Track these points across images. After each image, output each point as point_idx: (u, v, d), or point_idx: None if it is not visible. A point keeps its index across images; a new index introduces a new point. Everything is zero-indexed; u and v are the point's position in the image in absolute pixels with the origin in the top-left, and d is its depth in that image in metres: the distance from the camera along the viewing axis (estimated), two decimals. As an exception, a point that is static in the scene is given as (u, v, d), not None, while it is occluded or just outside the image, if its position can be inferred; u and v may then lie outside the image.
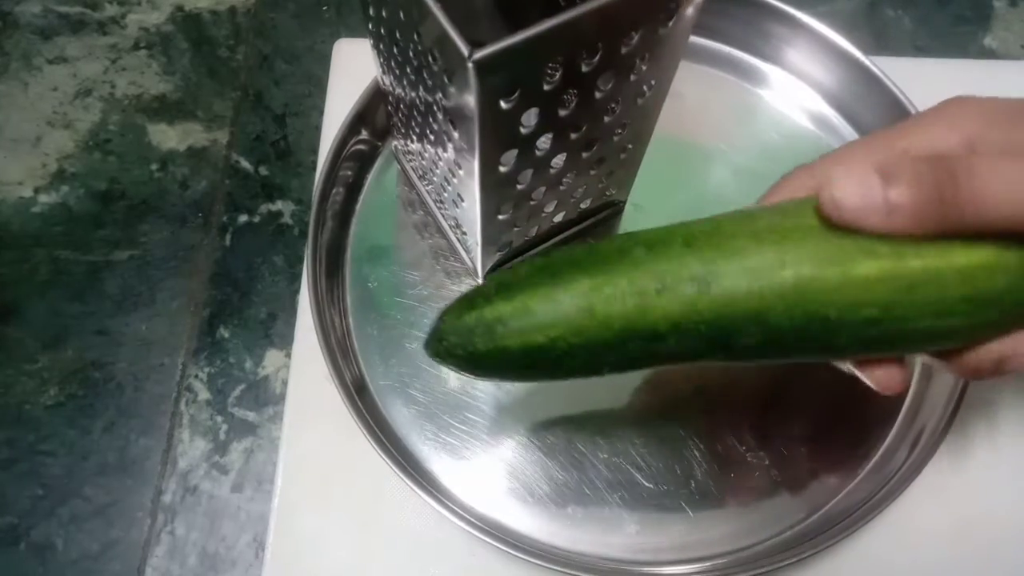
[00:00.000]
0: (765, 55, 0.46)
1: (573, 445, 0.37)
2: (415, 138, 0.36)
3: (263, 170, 0.47)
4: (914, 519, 0.36)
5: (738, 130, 0.45)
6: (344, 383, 0.36)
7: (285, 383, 0.40)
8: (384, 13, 0.28)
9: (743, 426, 0.38)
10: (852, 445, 0.38)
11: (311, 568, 0.36)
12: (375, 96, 0.42)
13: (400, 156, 0.43)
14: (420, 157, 0.38)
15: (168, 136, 0.48)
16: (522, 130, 0.27)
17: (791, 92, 0.46)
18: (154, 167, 0.47)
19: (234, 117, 0.49)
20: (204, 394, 0.41)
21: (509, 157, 0.28)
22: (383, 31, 0.29)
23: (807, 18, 0.43)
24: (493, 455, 0.37)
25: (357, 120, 0.41)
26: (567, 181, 0.33)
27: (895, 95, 0.41)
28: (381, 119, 0.43)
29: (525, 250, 0.40)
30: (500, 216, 0.33)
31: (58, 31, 0.51)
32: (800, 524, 0.36)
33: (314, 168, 0.46)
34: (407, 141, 0.38)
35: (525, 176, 0.30)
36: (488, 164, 0.28)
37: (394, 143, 0.43)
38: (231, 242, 0.45)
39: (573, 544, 0.35)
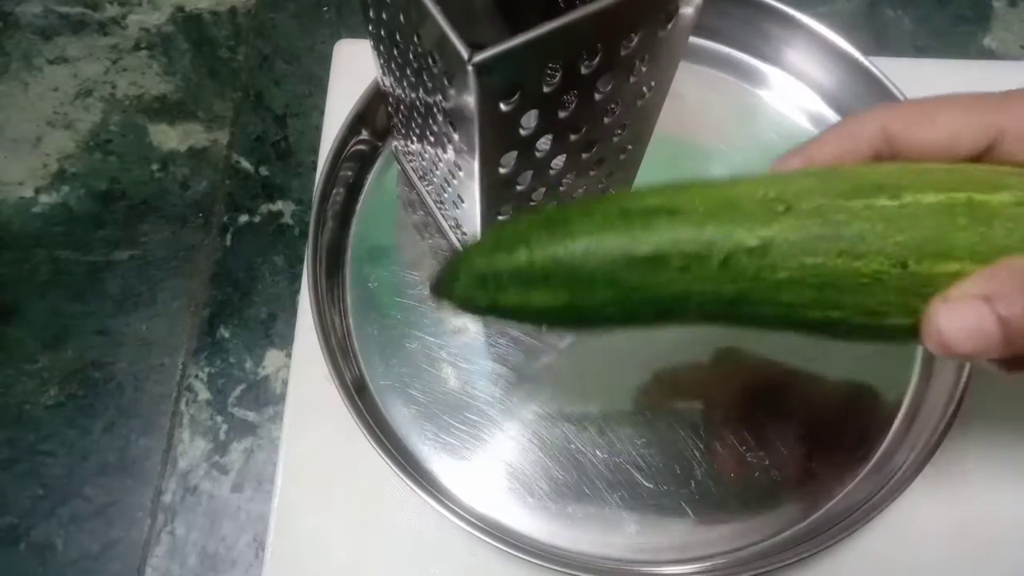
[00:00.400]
0: (765, 56, 0.46)
1: (573, 445, 0.37)
2: (415, 139, 0.36)
3: (263, 170, 0.47)
4: (914, 519, 0.36)
5: (738, 131, 0.45)
6: (344, 383, 0.36)
7: (285, 383, 0.40)
8: (384, 15, 0.28)
9: (743, 426, 0.38)
10: (852, 445, 0.38)
11: (311, 568, 0.36)
12: (375, 96, 0.42)
13: (400, 157, 0.43)
14: (420, 158, 0.38)
15: (169, 136, 0.48)
16: (522, 132, 0.27)
17: (791, 93, 0.46)
18: (155, 167, 0.47)
19: (235, 117, 0.49)
20: (204, 394, 0.41)
21: (509, 158, 0.28)
22: (383, 33, 0.29)
23: (806, 19, 0.43)
24: (493, 455, 0.37)
25: (357, 120, 0.42)
26: (567, 182, 0.33)
27: (895, 95, 0.41)
28: (381, 119, 0.43)
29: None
30: (500, 217, 0.33)
31: (59, 31, 0.51)
32: (800, 524, 0.36)
33: (314, 168, 0.46)
34: (407, 142, 0.38)
35: (525, 177, 0.30)
36: (488, 165, 0.28)
37: (394, 144, 0.43)
38: (231, 242, 0.45)
39: (573, 544, 0.35)
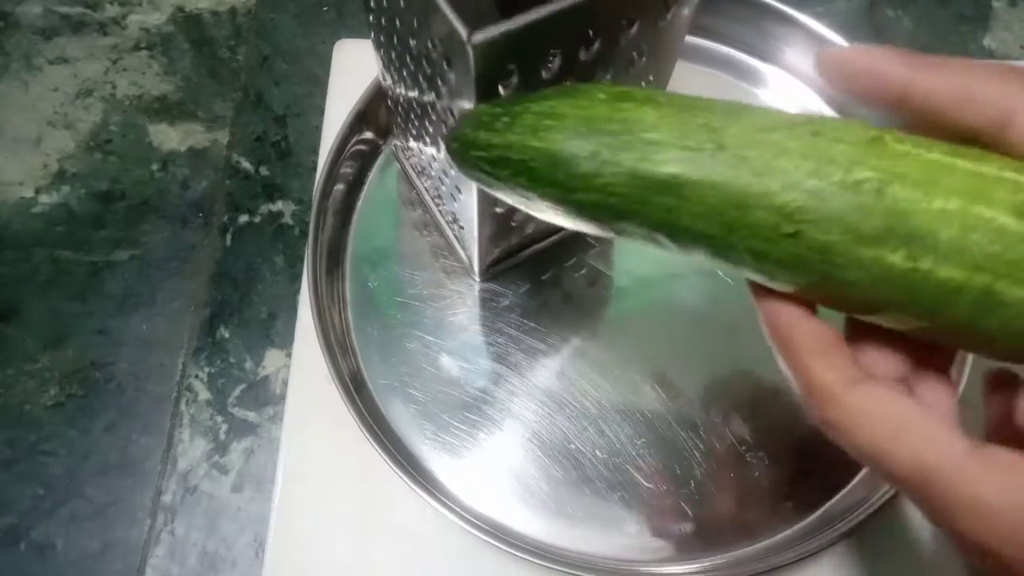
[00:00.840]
0: (764, 55, 0.46)
1: (572, 445, 0.37)
2: (414, 132, 0.36)
3: (264, 170, 0.47)
4: (914, 519, 0.36)
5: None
6: (344, 382, 0.36)
7: (285, 383, 0.40)
8: (385, 3, 0.28)
9: (742, 426, 0.38)
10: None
11: (311, 568, 0.36)
12: (377, 94, 0.42)
13: (400, 154, 0.43)
14: (419, 153, 0.38)
15: (169, 136, 0.48)
16: None
17: (789, 92, 0.46)
18: (155, 167, 0.47)
19: (235, 117, 0.49)
20: (204, 394, 0.41)
21: None
22: (383, 20, 0.30)
23: (805, 18, 0.43)
24: (493, 454, 0.37)
25: (359, 118, 0.42)
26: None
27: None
28: (383, 117, 0.43)
29: (522, 247, 0.41)
30: (497, 209, 0.33)
31: (59, 31, 0.51)
32: (799, 524, 0.36)
33: (314, 168, 0.46)
34: (406, 137, 0.39)
35: None
36: None
37: (394, 141, 0.43)
38: (232, 242, 0.45)
39: (572, 543, 0.35)
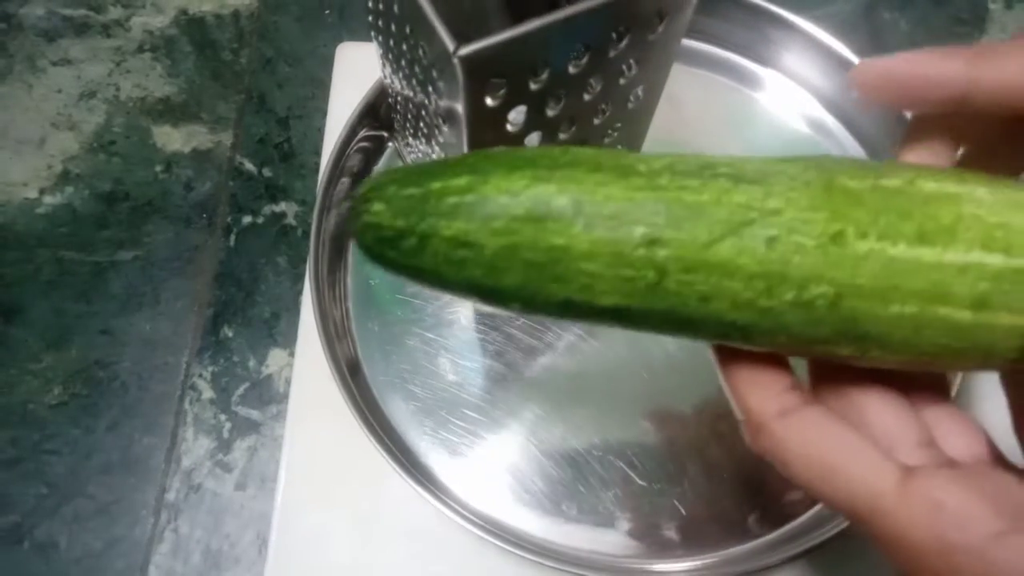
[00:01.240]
0: (761, 59, 0.47)
1: (569, 443, 0.38)
2: (411, 131, 0.36)
3: (267, 172, 0.48)
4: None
5: (734, 134, 0.45)
6: (346, 381, 0.36)
7: (288, 382, 0.41)
8: (380, 6, 0.29)
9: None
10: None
11: (314, 565, 0.36)
12: (383, 90, 0.42)
13: (402, 150, 0.43)
14: (418, 150, 0.38)
15: (172, 138, 0.49)
16: (509, 128, 0.27)
17: (788, 96, 0.46)
18: (158, 169, 0.48)
19: (238, 119, 0.49)
20: (208, 393, 0.42)
21: None
22: (380, 23, 0.30)
23: (803, 22, 0.44)
24: (490, 451, 0.38)
25: (365, 112, 0.42)
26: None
27: (890, 99, 0.41)
28: (387, 113, 0.43)
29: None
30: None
31: (62, 33, 0.52)
32: (793, 522, 0.36)
33: (317, 170, 0.47)
34: (405, 134, 0.39)
35: None
36: None
37: (396, 137, 0.43)
38: (235, 243, 0.45)
39: (567, 541, 0.36)
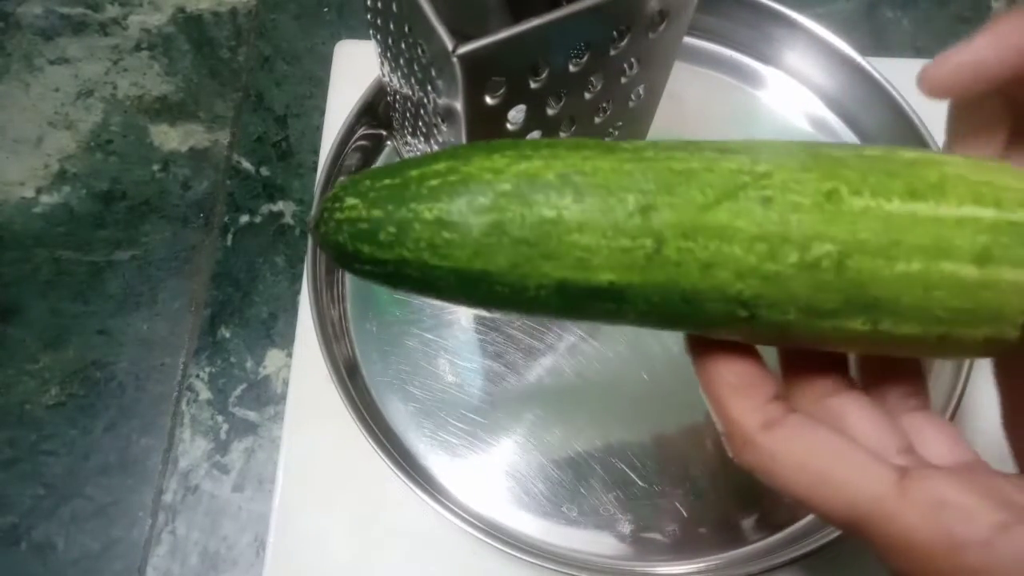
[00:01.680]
0: (763, 57, 0.46)
1: (569, 445, 0.37)
2: (410, 130, 0.36)
3: (264, 171, 0.47)
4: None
5: (736, 132, 0.45)
6: (344, 383, 0.36)
7: (286, 383, 0.41)
8: (379, 4, 0.28)
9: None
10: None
11: (312, 567, 0.36)
12: (381, 89, 0.42)
13: (400, 148, 0.43)
14: (416, 150, 0.38)
15: (170, 137, 0.48)
16: (509, 126, 0.27)
17: (790, 94, 0.46)
18: (156, 168, 0.47)
19: (235, 118, 0.49)
20: (205, 394, 0.41)
21: None
22: (379, 21, 0.30)
23: (805, 20, 0.43)
24: (490, 453, 0.38)
25: (364, 111, 0.42)
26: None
27: (893, 97, 0.41)
28: (386, 111, 0.43)
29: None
30: None
31: (60, 32, 0.52)
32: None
33: (315, 169, 0.46)
34: (404, 132, 0.39)
35: None
36: None
37: (395, 134, 0.43)
38: (232, 242, 0.45)
39: (568, 543, 0.36)
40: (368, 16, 0.31)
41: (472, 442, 0.38)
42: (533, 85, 0.25)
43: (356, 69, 0.45)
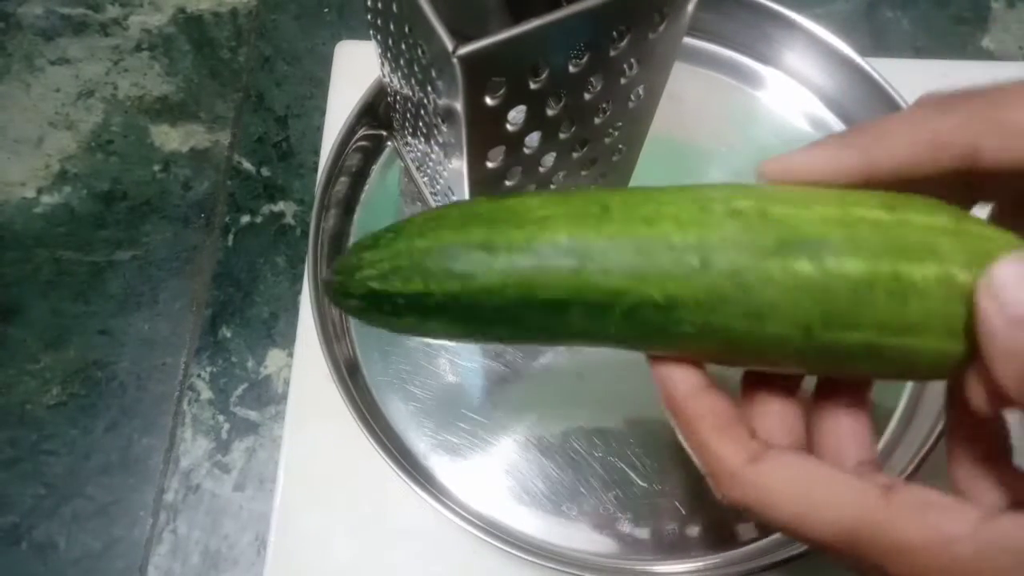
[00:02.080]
0: (763, 57, 0.46)
1: (569, 444, 0.38)
2: (410, 130, 0.36)
3: (265, 171, 0.47)
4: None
5: (736, 132, 0.45)
6: (344, 382, 0.36)
7: (287, 382, 0.41)
8: (379, 4, 0.28)
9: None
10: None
11: (313, 566, 0.36)
12: (382, 90, 0.42)
13: (400, 148, 0.43)
14: (417, 150, 0.38)
15: (170, 137, 0.49)
16: (509, 127, 0.27)
17: (789, 95, 0.46)
18: (156, 168, 0.48)
19: (236, 118, 0.49)
20: (206, 393, 0.42)
21: (497, 153, 0.28)
22: (379, 22, 0.30)
23: (804, 20, 0.43)
24: (490, 453, 0.38)
25: (364, 111, 0.42)
26: (557, 180, 0.34)
27: (892, 98, 0.41)
28: (386, 112, 0.43)
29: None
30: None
31: (60, 32, 0.52)
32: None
33: (315, 169, 0.47)
34: (404, 133, 0.39)
35: (514, 173, 0.31)
36: (475, 159, 0.28)
37: (396, 135, 0.43)
38: (233, 242, 0.45)
39: (568, 542, 0.36)
40: (368, 17, 0.31)
41: (472, 441, 0.38)
42: (533, 86, 0.25)
43: (356, 69, 0.45)
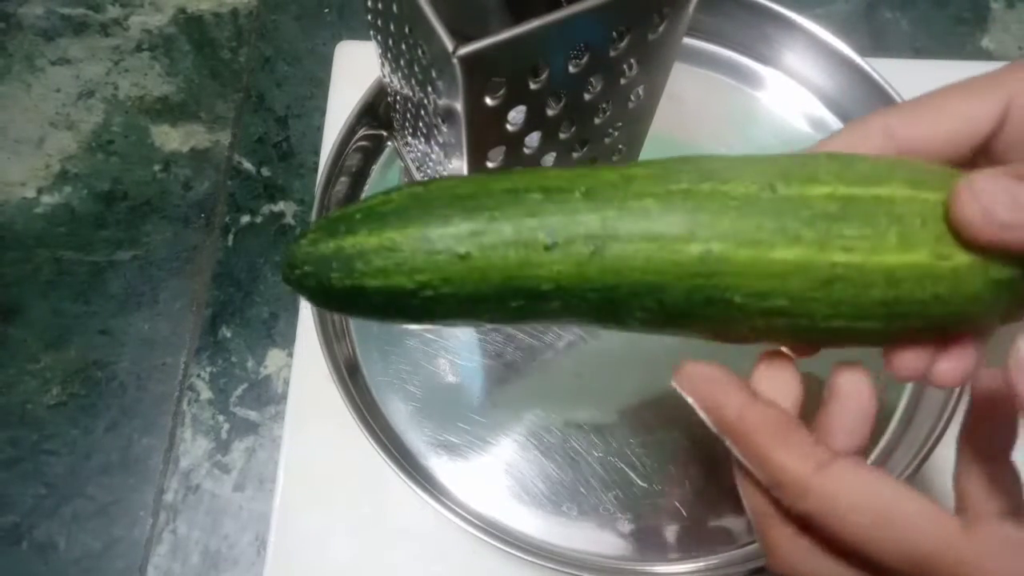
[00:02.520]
0: (763, 58, 0.46)
1: (569, 444, 0.38)
2: (410, 130, 0.36)
3: (265, 171, 0.47)
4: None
5: (736, 133, 0.45)
6: (344, 382, 0.36)
7: (287, 382, 0.41)
8: (380, 5, 0.28)
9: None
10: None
11: (312, 566, 0.36)
12: (382, 90, 0.42)
13: (400, 148, 0.43)
14: (417, 150, 0.38)
15: (171, 137, 0.49)
16: (509, 127, 0.27)
17: (789, 95, 0.46)
18: (157, 168, 0.48)
19: (236, 118, 0.49)
20: (206, 393, 0.42)
21: (497, 153, 0.28)
22: (379, 22, 0.30)
23: (804, 21, 0.43)
24: (490, 453, 0.38)
25: (364, 112, 0.42)
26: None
27: (892, 97, 0.41)
28: (387, 112, 0.43)
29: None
30: None
31: (61, 32, 0.52)
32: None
33: (316, 169, 0.47)
34: (405, 133, 0.39)
35: None
36: (476, 160, 0.28)
37: (396, 135, 0.43)
38: (233, 242, 0.45)
39: (568, 542, 0.36)
40: (368, 17, 0.31)
41: (472, 441, 0.38)
42: (533, 86, 0.25)
43: (357, 70, 0.45)
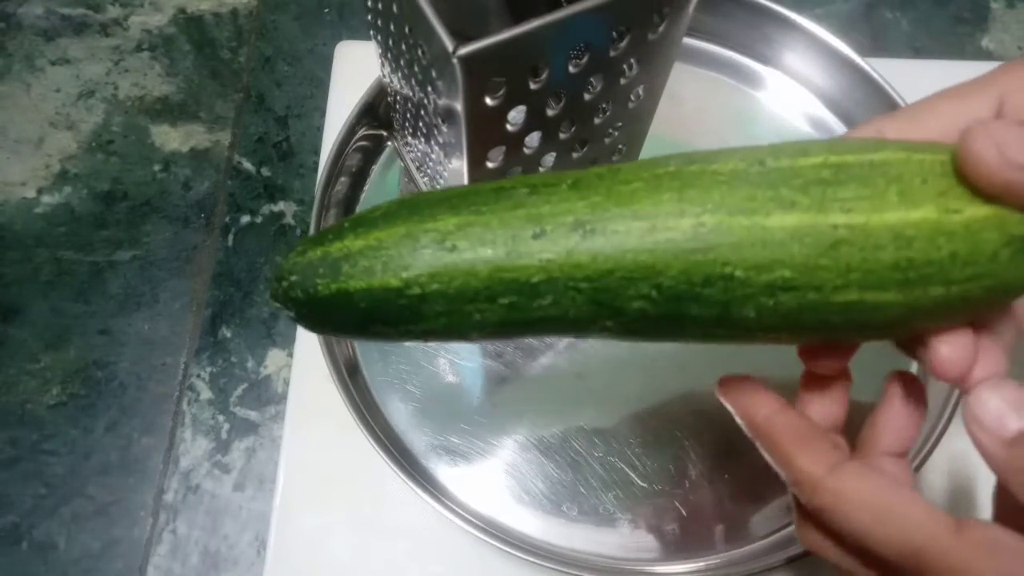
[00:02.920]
0: (763, 58, 0.46)
1: (569, 444, 0.38)
2: (410, 130, 0.36)
3: (265, 171, 0.47)
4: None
5: (736, 133, 0.45)
6: (344, 382, 0.36)
7: (287, 382, 0.41)
8: (380, 5, 0.28)
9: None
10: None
11: (312, 566, 0.36)
12: (382, 90, 0.42)
13: (400, 148, 0.43)
14: (417, 150, 0.38)
15: (171, 137, 0.49)
16: (509, 127, 0.27)
17: (789, 95, 0.46)
18: (157, 168, 0.48)
19: (236, 118, 0.49)
20: (206, 393, 0.42)
21: (497, 153, 0.28)
22: (379, 22, 0.30)
23: (804, 20, 0.43)
24: (490, 453, 0.38)
25: (364, 112, 0.42)
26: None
27: (892, 97, 0.41)
28: (387, 112, 0.43)
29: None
30: None
31: (60, 33, 0.52)
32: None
33: (316, 169, 0.47)
34: (404, 133, 0.39)
35: (514, 173, 0.31)
36: (476, 159, 0.28)
37: (396, 135, 0.43)
38: (233, 242, 0.45)
39: (568, 542, 0.36)
40: (368, 17, 0.31)
41: (472, 441, 0.38)
42: (533, 86, 0.25)
43: (357, 70, 0.45)
